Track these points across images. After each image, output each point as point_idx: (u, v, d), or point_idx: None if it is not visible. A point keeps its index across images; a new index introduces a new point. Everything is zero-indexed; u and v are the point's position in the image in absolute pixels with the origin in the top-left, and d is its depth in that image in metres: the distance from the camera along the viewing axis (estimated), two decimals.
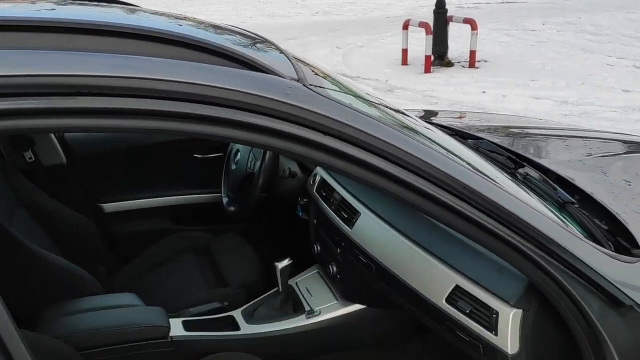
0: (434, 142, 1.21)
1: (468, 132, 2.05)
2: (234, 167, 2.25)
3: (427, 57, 7.92)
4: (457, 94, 6.99)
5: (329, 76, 1.34)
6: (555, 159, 1.88)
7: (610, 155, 1.96)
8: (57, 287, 1.72)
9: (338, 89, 1.24)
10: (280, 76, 1.01)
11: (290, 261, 1.84)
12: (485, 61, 8.45)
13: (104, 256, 2.41)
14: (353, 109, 1.05)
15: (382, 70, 8.14)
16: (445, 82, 7.51)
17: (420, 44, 8.11)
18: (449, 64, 8.26)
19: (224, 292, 2.02)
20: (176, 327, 1.72)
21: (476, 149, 1.71)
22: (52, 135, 2.25)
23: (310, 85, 1.03)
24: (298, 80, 1.03)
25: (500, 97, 6.72)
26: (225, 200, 2.24)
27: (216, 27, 1.34)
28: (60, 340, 1.44)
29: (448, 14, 8.25)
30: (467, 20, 8.13)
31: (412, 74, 8.00)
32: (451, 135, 1.75)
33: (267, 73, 1.00)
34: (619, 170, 1.78)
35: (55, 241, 1.99)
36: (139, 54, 0.93)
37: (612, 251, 1.21)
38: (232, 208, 2.18)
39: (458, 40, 8.81)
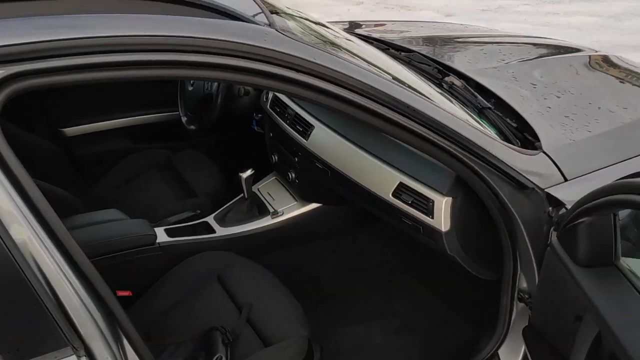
0: (384, 71, 1.47)
1: (401, 45, 2.30)
2: (190, 88, 2.42)
3: None
4: None
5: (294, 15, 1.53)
6: (475, 67, 2.18)
7: (520, 61, 2.27)
8: None
9: (301, 28, 1.45)
10: (256, 23, 1.21)
11: (253, 171, 2.11)
12: None
13: (72, 178, 2.58)
14: (318, 48, 1.28)
15: None
16: None
17: None
18: None
19: (193, 202, 2.27)
20: (160, 235, 1.98)
21: (409, 63, 1.98)
22: None
23: (281, 30, 1.24)
24: (270, 26, 1.24)
25: None
26: (184, 119, 2.43)
27: None
28: None
29: None
30: None
31: None
32: (388, 51, 2.01)
33: (244, 21, 1.20)
34: (526, 75, 2.10)
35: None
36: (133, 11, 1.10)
37: (519, 146, 1.54)
38: (192, 127, 2.39)
39: None
